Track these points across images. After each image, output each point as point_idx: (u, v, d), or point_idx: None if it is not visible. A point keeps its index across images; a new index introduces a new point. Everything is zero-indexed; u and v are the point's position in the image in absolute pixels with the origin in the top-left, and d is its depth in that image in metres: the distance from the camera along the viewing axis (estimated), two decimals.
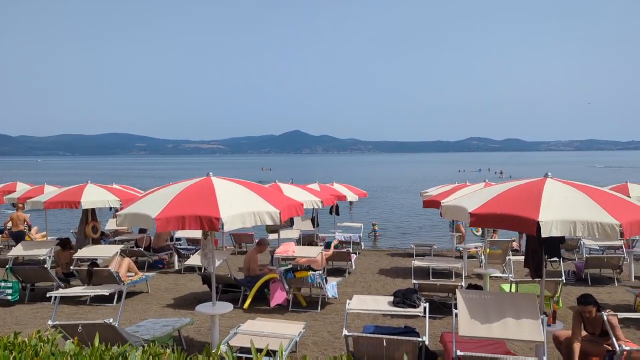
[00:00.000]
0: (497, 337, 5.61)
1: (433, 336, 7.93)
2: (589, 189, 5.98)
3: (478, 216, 5.79)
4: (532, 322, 5.54)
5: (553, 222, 5.34)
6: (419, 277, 11.76)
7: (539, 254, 6.44)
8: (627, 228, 5.33)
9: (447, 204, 6.76)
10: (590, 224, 5.35)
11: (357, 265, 14.35)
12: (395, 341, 5.87)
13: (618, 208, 5.60)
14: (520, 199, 5.79)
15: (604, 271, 12.52)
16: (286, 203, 6.76)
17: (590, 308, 6.04)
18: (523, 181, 6.41)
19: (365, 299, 6.93)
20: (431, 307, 9.54)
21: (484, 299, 5.84)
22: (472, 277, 12.66)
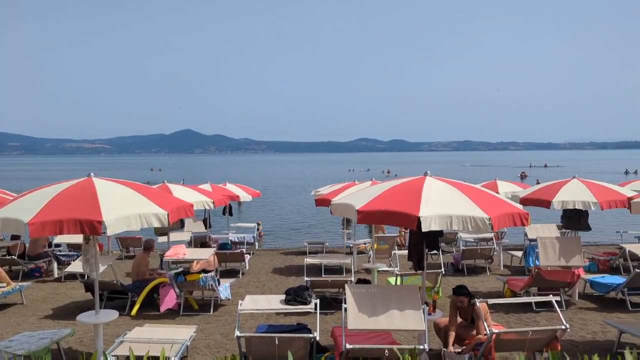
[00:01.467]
0: (384, 329, 5.90)
1: (325, 331, 8.13)
2: (463, 186, 6.48)
3: (364, 213, 6.03)
4: (415, 312, 5.90)
5: (432, 217, 5.71)
6: (311, 275, 11.99)
7: (420, 247, 6.86)
8: (495, 221, 5.84)
9: (337, 202, 6.97)
10: (464, 218, 5.79)
11: (251, 266, 14.29)
12: (287, 339, 5.94)
13: (488, 203, 6.13)
14: (403, 196, 6.13)
15: (478, 261, 13.61)
16: (175, 204, 6.56)
17: (462, 298, 6.56)
18: (405, 179, 6.78)
19: (258, 298, 6.93)
20: (323, 302, 9.81)
21: (371, 292, 6.10)
22: (362, 272, 13.16)
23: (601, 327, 8.22)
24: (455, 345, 6.49)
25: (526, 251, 12.65)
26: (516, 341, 6.07)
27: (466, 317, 6.73)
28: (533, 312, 9.08)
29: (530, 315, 8.92)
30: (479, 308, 6.17)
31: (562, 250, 9.43)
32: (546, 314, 8.90)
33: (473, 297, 6.61)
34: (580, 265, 9.50)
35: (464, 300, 6.58)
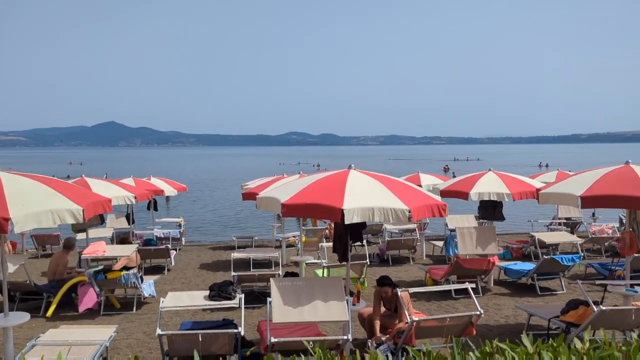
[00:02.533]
0: (309, 321, 5.97)
1: (252, 326, 8.11)
2: (385, 179, 6.65)
3: (289, 206, 6.06)
4: (339, 303, 6.00)
5: (355, 209, 5.84)
6: (240, 269, 11.88)
7: (344, 239, 6.99)
8: (415, 213, 6.06)
9: (262, 196, 6.95)
10: (385, 210, 5.96)
11: (177, 262, 13.95)
12: (211, 335, 5.87)
13: (408, 195, 6.34)
14: (327, 189, 6.21)
15: (402, 252, 14.05)
16: (91, 199, 6.27)
17: (386, 289, 6.76)
18: (330, 173, 6.87)
19: (181, 295, 6.79)
20: (251, 297, 9.77)
21: (296, 285, 6.14)
22: (290, 265, 13.22)
23: (513, 311, 8.74)
24: (380, 334, 6.68)
25: (446, 241, 13.20)
26: (435, 328, 6.33)
27: (390, 307, 6.94)
28: (452, 299, 9.51)
29: (449, 302, 9.32)
30: (401, 297, 6.37)
31: (479, 240, 9.93)
32: (464, 300, 9.34)
33: (396, 287, 6.82)
34: (495, 254, 10.05)
35: (388, 290, 6.78)
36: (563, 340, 2.24)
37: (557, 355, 2.13)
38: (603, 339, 2.33)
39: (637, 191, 6.50)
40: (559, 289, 10.01)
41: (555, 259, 9.66)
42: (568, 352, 2.11)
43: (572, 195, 6.90)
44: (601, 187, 6.82)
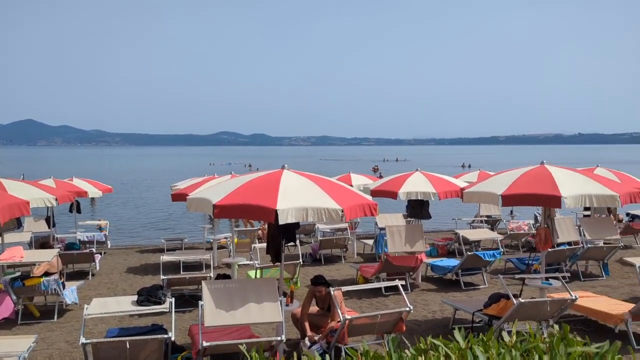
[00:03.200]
0: (242, 323, 5.92)
1: (183, 330, 7.92)
2: (318, 179, 6.71)
3: (222, 207, 5.97)
4: (272, 304, 5.99)
5: (289, 209, 5.85)
6: (170, 272, 11.56)
7: (278, 240, 6.98)
8: (347, 212, 6.15)
9: (193, 197, 6.80)
10: (319, 210, 6.02)
11: (102, 266, 13.37)
12: (139, 342, 5.68)
13: (341, 195, 6.43)
14: (260, 190, 6.18)
15: (334, 251, 14.23)
16: (6, 202, 5.90)
17: (320, 288, 6.83)
18: (263, 173, 6.84)
19: (107, 301, 6.52)
20: (182, 300, 9.53)
21: (228, 287, 6.07)
22: (222, 267, 13.02)
23: (440, 306, 9.08)
24: (312, 333, 6.73)
25: (377, 239, 13.50)
26: (367, 325, 6.46)
27: (323, 306, 7.01)
28: (383, 296, 9.75)
29: (380, 300, 9.55)
30: (334, 296, 6.45)
31: (407, 238, 10.24)
32: (394, 297, 9.61)
33: (330, 286, 6.90)
34: (423, 251, 10.40)
35: (322, 289, 6.84)
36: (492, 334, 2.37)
37: (488, 349, 2.25)
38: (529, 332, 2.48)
39: (550, 190, 6.96)
40: (482, 284, 10.51)
41: (478, 255, 10.15)
42: (497, 346, 2.23)
43: (494, 194, 7.29)
44: (519, 186, 7.25)
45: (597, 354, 2.11)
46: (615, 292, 9.62)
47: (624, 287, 10.03)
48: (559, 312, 6.92)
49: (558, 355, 2.08)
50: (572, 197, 6.88)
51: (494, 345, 2.21)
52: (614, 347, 2.17)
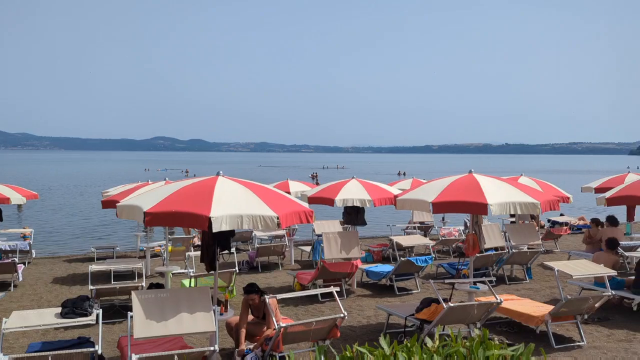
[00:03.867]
0: (174, 334, 5.77)
1: (113, 342, 7.63)
2: (253, 185, 6.68)
3: (153, 215, 5.82)
4: (206, 314, 5.89)
5: (223, 217, 5.78)
6: (99, 282, 11.11)
7: (213, 247, 6.88)
8: (283, 219, 6.16)
9: (123, 204, 6.58)
10: (254, 218, 5.99)
11: (26, 277, 12.65)
12: (63, 356, 5.42)
13: (277, 202, 6.43)
14: (194, 197, 6.08)
15: (272, 258, 14.18)
16: None
17: (253, 296, 6.78)
18: (197, 179, 6.73)
19: (28, 314, 6.17)
20: (112, 311, 9.18)
21: (160, 297, 5.91)
22: (156, 275, 12.66)
23: (374, 311, 9.24)
24: (246, 342, 6.67)
25: (314, 246, 13.58)
26: (302, 332, 6.47)
27: (258, 314, 6.97)
28: (319, 302, 9.80)
29: (316, 306, 9.60)
30: (269, 304, 6.43)
31: (343, 244, 10.37)
32: (330, 303, 9.69)
33: (263, 293, 6.86)
34: (358, 257, 10.56)
35: (255, 297, 6.80)
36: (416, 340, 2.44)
37: (411, 355, 2.33)
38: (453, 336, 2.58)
39: (478, 198, 7.28)
40: (415, 289, 10.80)
41: (411, 261, 10.43)
42: (420, 352, 2.31)
43: (425, 201, 7.53)
44: (449, 194, 7.53)
45: (512, 356, 2.23)
46: (537, 294, 10.16)
47: (545, 289, 10.61)
48: (485, 314, 7.21)
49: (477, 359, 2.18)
50: (497, 205, 7.22)
51: (417, 351, 2.29)
52: (528, 349, 2.30)
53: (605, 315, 8.39)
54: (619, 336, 7.57)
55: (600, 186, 13.63)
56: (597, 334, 7.66)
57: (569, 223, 18.38)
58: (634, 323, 8.10)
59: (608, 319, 8.29)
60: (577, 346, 7.18)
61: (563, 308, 7.19)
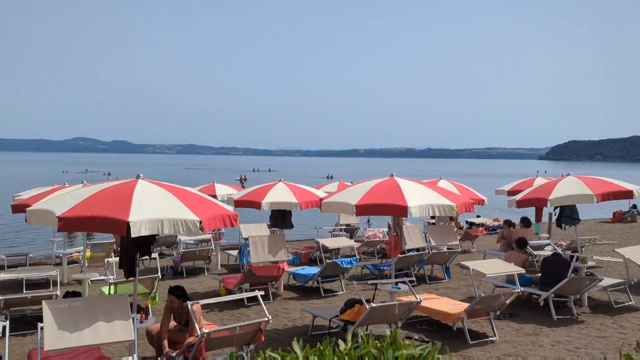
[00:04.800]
0: (89, 344, 5.52)
1: (23, 355, 7.21)
2: (175, 189, 6.54)
3: (66, 220, 5.55)
4: (124, 322, 5.69)
5: (142, 221, 5.61)
6: (9, 291, 10.41)
7: (132, 253, 6.66)
8: (206, 223, 6.07)
9: (34, 208, 6.23)
10: (176, 222, 5.86)
11: None
12: None
13: (200, 206, 6.32)
14: (112, 201, 5.86)
15: (197, 263, 13.91)
16: None
17: (172, 297, 6.63)
18: (116, 182, 6.49)
19: None
20: (23, 322, 8.63)
21: (74, 306, 5.64)
22: (73, 283, 12.06)
23: (300, 314, 9.30)
24: (169, 350, 6.50)
25: (241, 250, 13.45)
26: (226, 337, 6.40)
27: (181, 320, 6.81)
28: (245, 307, 9.72)
29: (242, 311, 9.52)
30: (192, 310, 6.31)
31: (270, 247, 10.36)
32: (256, 307, 9.63)
33: (187, 299, 6.73)
34: (285, 260, 10.59)
35: (174, 300, 6.64)
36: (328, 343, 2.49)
37: (323, 358, 2.37)
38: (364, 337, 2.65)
39: (398, 200, 7.53)
40: (340, 290, 10.97)
41: (336, 263, 10.59)
42: (332, 355, 2.37)
43: (348, 204, 7.69)
44: (371, 197, 7.75)
45: (420, 355, 2.33)
46: (455, 292, 10.63)
47: (462, 288, 11.13)
48: (406, 314, 7.46)
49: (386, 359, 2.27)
50: (417, 207, 7.51)
51: (329, 354, 2.35)
52: (435, 348, 2.42)
53: (516, 311, 8.93)
54: (528, 330, 8.08)
55: (512, 189, 14.52)
56: (507, 329, 8.14)
57: (484, 224, 19.40)
58: (541, 317, 8.68)
59: (518, 315, 8.82)
60: (490, 341, 7.58)
61: (477, 305, 7.57)
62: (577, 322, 8.43)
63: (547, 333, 7.91)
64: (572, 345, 7.34)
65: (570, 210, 9.88)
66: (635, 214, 25.00)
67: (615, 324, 8.37)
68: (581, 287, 8.97)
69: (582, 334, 7.84)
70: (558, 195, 9.30)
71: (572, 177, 9.84)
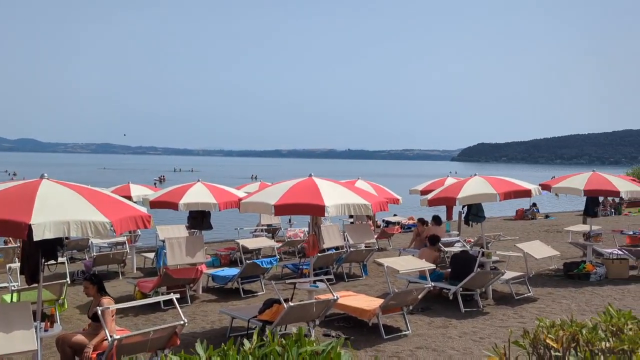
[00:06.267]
0: None
1: None
2: (84, 189, 6.24)
3: None
4: (25, 331, 5.36)
5: (46, 224, 5.31)
6: None
7: (35, 257, 6.29)
8: (117, 225, 5.85)
9: None
10: (83, 224, 5.59)
11: None
12: None
13: (110, 207, 6.08)
14: (12, 202, 5.50)
15: (111, 266, 13.35)
16: None
17: (87, 284, 6.66)
18: (17, 182, 6.11)
19: None
20: None
21: None
22: None
23: (219, 316, 9.18)
24: None
25: (158, 252, 13.07)
26: (139, 343, 6.20)
27: (90, 315, 6.59)
28: (162, 310, 9.47)
29: (158, 315, 9.27)
30: (101, 315, 6.07)
31: (188, 249, 10.15)
32: (173, 311, 9.39)
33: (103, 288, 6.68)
34: (204, 262, 10.43)
35: (89, 285, 6.63)
36: (232, 343, 2.51)
37: (227, 359, 2.38)
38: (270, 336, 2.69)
39: (316, 200, 7.66)
40: (260, 291, 10.96)
41: (256, 263, 10.58)
42: (236, 354, 2.39)
43: (267, 204, 7.72)
44: (290, 196, 7.81)
45: (324, 350, 2.41)
46: (371, 289, 10.96)
47: (378, 285, 11.48)
48: (324, 311, 7.59)
49: (291, 357, 2.32)
50: (334, 207, 7.67)
51: (233, 354, 2.37)
52: (338, 342, 2.51)
53: (427, 305, 9.34)
54: (438, 323, 8.49)
55: (425, 189, 15.20)
56: (420, 323, 8.51)
57: (400, 222, 20.13)
58: (450, 311, 9.15)
59: (429, 309, 9.24)
60: (404, 335, 7.89)
61: (391, 301, 7.85)
62: (482, 314, 8.98)
63: (456, 325, 8.35)
64: (478, 335, 7.81)
65: (476, 209, 10.49)
66: (535, 211, 27.02)
67: (516, 314, 9.00)
68: (486, 281, 9.56)
69: (487, 325, 8.36)
70: (465, 195, 9.84)
71: (478, 177, 10.45)
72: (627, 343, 3.09)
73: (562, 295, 10.14)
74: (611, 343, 3.09)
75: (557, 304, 9.54)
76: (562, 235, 18.19)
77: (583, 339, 3.17)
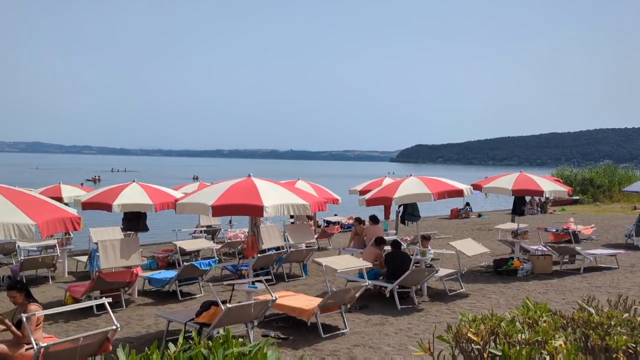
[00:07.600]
0: None
1: None
2: (7, 190, 5.97)
3: None
4: None
5: None
6: None
7: None
8: (43, 227, 5.64)
9: None
10: (6, 226, 5.36)
11: None
12: None
13: (36, 209, 5.84)
14: None
15: (41, 271, 12.76)
16: None
17: (13, 293, 6.20)
18: None
19: None
20: None
21: None
22: None
23: (155, 319, 8.97)
24: None
25: (91, 255, 12.60)
26: (68, 350, 5.96)
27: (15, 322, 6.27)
28: (94, 315, 9.15)
29: (91, 320, 8.95)
30: (25, 322, 5.80)
31: (122, 252, 9.86)
32: (106, 316, 9.07)
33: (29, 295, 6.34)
34: (139, 264, 10.16)
35: (16, 294, 6.22)
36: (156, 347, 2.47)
37: None
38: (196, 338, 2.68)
39: (254, 200, 7.64)
40: (198, 293, 10.80)
41: (194, 265, 10.41)
42: (160, 358, 2.36)
43: (204, 204, 7.62)
44: (228, 197, 7.75)
45: (250, 351, 2.43)
46: (311, 289, 11.04)
47: (318, 284, 11.59)
48: (263, 312, 7.58)
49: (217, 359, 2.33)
50: (272, 207, 7.68)
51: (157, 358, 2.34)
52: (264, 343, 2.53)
53: (365, 303, 9.53)
54: (375, 320, 8.68)
55: (363, 189, 15.48)
56: (357, 321, 8.66)
57: (340, 222, 20.37)
58: (387, 308, 9.37)
59: (367, 307, 9.43)
60: (342, 333, 8.01)
61: (330, 300, 7.95)
62: (417, 311, 9.26)
63: (392, 322, 8.57)
64: (413, 331, 8.04)
65: (412, 208, 10.80)
66: (468, 210, 28.10)
67: (449, 310, 9.34)
68: (421, 278, 9.86)
69: (422, 321, 8.62)
70: (401, 194, 10.11)
71: (414, 178, 10.76)
72: (541, 334, 3.30)
73: (492, 291, 10.61)
74: (527, 335, 3.29)
75: (487, 299, 9.98)
76: (492, 233, 18.99)
77: (502, 332, 3.36)
